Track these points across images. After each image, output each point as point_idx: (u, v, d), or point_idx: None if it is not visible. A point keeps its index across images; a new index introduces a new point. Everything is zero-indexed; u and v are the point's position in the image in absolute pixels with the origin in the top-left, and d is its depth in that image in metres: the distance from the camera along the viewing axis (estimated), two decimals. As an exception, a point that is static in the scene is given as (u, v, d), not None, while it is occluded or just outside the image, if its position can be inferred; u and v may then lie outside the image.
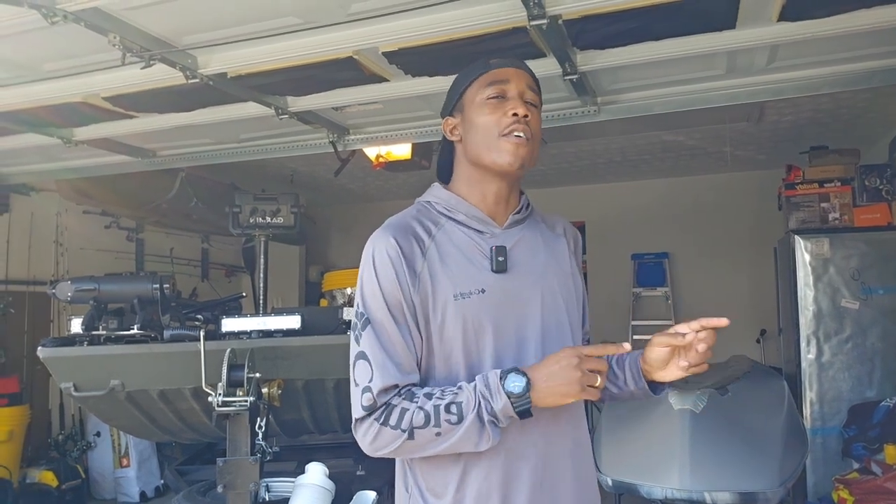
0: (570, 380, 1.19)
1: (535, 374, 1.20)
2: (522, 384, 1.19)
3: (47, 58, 2.59)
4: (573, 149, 5.78)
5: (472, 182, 1.39)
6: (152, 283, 3.50)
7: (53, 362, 3.58)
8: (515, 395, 1.18)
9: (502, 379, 1.20)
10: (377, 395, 1.24)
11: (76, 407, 5.20)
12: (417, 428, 1.21)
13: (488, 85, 1.35)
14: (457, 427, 1.20)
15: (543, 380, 1.20)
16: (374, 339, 1.26)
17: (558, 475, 1.31)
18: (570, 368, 1.19)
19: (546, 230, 1.45)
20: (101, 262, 5.41)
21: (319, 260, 8.02)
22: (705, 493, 2.87)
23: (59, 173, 4.43)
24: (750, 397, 3.51)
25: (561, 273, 1.40)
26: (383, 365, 1.25)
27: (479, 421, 1.20)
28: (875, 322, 4.20)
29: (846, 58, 2.74)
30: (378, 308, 1.27)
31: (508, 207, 1.40)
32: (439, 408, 1.21)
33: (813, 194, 4.48)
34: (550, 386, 1.19)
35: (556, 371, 1.19)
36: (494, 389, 1.20)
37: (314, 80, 2.87)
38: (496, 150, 1.32)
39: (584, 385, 1.19)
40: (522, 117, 1.31)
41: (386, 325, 1.27)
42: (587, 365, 1.20)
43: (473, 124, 1.35)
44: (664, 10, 2.21)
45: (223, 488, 3.02)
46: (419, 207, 1.41)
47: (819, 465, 4.18)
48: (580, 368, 1.19)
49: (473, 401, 1.20)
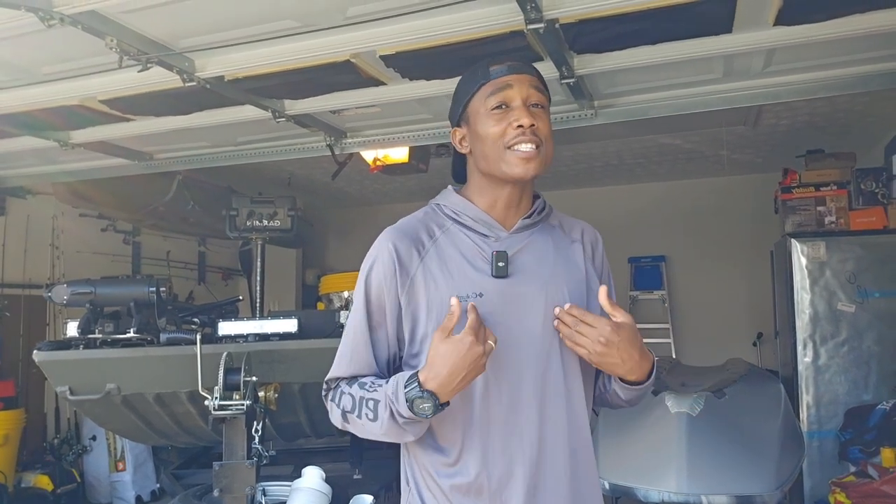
0: (472, 358, 1.19)
1: (435, 383, 1.20)
2: (430, 406, 1.19)
3: (44, 61, 2.59)
4: (570, 152, 5.79)
5: (484, 190, 1.39)
6: (148, 287, 3.50)
7: (49, 366, 3.57)
8: (417, 410, 1.20)
9: (410, 401, 1.20)
10: (327, 381, 1.40)
11: (72, 411, 5.17)
12: (348, 412, 1.32)
13: (491, 95, 1.33)
14: (375, 422, 1.27)
15: (446, 382, 1.19)
16: (346, 334, 1.39)
17: (553, 481, 1.30)
18: (469, 361, 1.18)
19: (561, 235, 1.43)
20: (97, 266, 5.40)
21: (316, 263, 8.01)
22: (702, 497, 2.87)
23: (55, 176, 4.43)
24: (747, 400, 3.52)
25: (573, 279, 1.37)
26: (340, 359, 1.39)
27: (393, 420, 1.24)
28: (871, 325, 4.21)
29: (842, 62, 2.75)
30: (358, 306, 1.37)
31: (519, 212, 1.39)
32: (363, 400, 1.29)
33: (809, 198, 4.48)
34: (454, 388, 1.20)
35: (452, 371, 1.19)
36: (402, 403, 1.22)
37: (311, 84, 2.87)
38: (505, 162, 1.32)
39: (472, 366, 1.19)
40: (529, 127, 1.30)
41: (358, 323, 1.36)
42: (468, 339, 1.18)
43: (480, 136, 1.35)
44: (661, 13, 2.22)
45: (219, 492, 3.00)
46: (428, 210, 1.43)
47: (816, 469, 4.18)
48: (469, 350, 1.18)
49: (384, 401, 1.25)
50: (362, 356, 1.35)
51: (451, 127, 1.45)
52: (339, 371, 1.38)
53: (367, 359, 1.35)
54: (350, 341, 1.37)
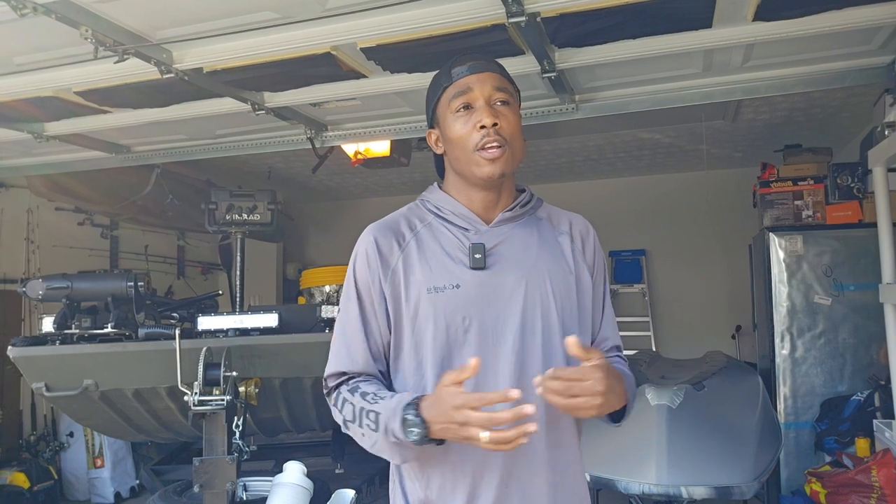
0: (458, 438, 1.16)
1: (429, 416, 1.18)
2: (418, 432, 1.17)
3: (17, 51, 2.54)
4: (550, 147, 5.81)
5: (460, 188, 1.41)
6: (126, 281, 3.46)
7: (24, 362, 3.52)
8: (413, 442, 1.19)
9: (403, 420, 1.19)
10: (327, 378, 1.38)
11: (48, 407, 5.10)
12: (349, 422, 1.31)
13: (454, 97, 1.35)
14: (375, 434, 1.25)
15: (437, 429, 1.17)
16: (338, 329, 1.39)
17: (528, 474, 1.30)
18: (455, 427, 1.14)
19: (548, 228, 1.43)
20: (74, 260, 5.33)
21: (297, 257, 7.97)
22: (682, 488, 2.90)
23: (30, 169, 4.34)
24: (725, 393, 3.56)
25: (558, 271, 1.37)
26: (337, 352, 1.38)
27: (387, 439, 1.23)
28: (846, 318, 4.28)
29: (819, 57, 2.78)
30: (348, 299, 1.38)
31: (499, 207, 1.40)
32: (364, 411, 1.27)
33: (787, 192, 4.54)
34: (438, 432, 1.17)
35: (445, 426, 1.16)
36: (397, 422, 1.20)
37: (291, 76, 2.84)
38: (473, 164, 1.33)
39: (464, 438, 1.14)
40: (492, 126, 1.31)
41: (350, 315, 1.37)
42: (472, 422, 1.12)
43: (449, 138, 1.37)
44: (641, 8, 2.23)
45: (200, 488, 2.99)
46: (413, 205, 1.46)
47: (792, 459, 4.25)
48: (465, 428, 1.13)
49: (385, 419, 1.22)
50: (359, 348, 1.35)
51: (427, 128, 1.47)
52: (337, 365, 1.37)
53: (364, 350, 1.35)
54: (345, 335, 1.37)
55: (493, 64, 1.40)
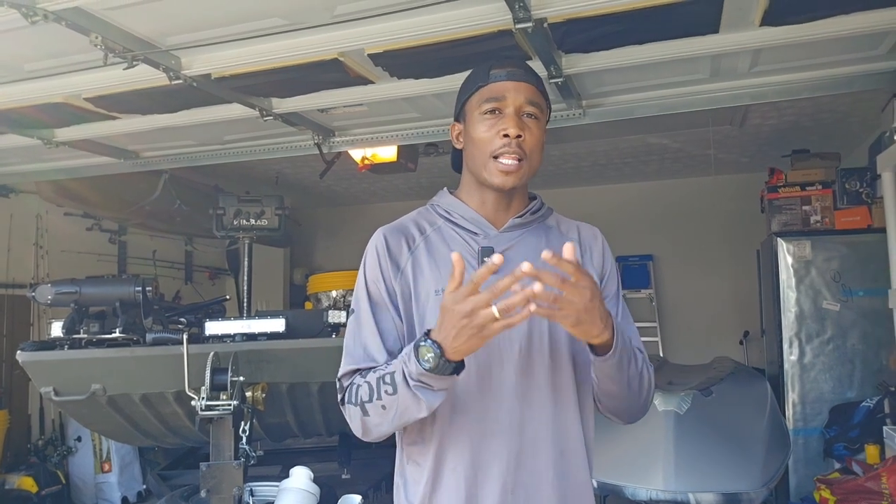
0: (470, 331, 1.10)
1: (440, 336, 1.14)
2: (432, 354, 1.14)
3: (28, 58, 2.56)
4: (558, 152, 5.81)
5: (472, 189, 1.41)
6: (134, 286, 3.47)
7: (33, 366, 3.54)
8: (430, 369, 1.15)
9: (416, 350, 1.16)
10: (341, 378, 1.34)
11: (56, 411, 5.12)
12: (366, 402, 1.25)
13: (486, 100, 1.34)
14: (394, 397, 1.21)
15: (450, 342, 1.13)
16: (352, 328, 1.36)
17: (534, 482, 1.29)
18: (465, 320, 1.10)
19: (557, 235, 1.43)
20: (82, 265, 5.35)
21: (304, 262, 7.98)
22: (689, 495, 2.89)
23: (39, 175, 4.38)
24: (733, 399, 3.54)
25: None
26: (352, 352, 1.34)
27: (408, 387, 1.18)
28: (855, 324, 4.25)
29: (827, 62, 2.77)
30: (360, 300, 1.36)
31: (510, 212, 1.40)
32: (380, 381, 1.24)
33: (795, 197, 4.52)
34: (459, 346, 1.13)
35: (457, 330, 1.11)
36: (411, 358, 1.17)
37: (299, 82, 2.85)
38: (487, 170, 1.34)
39: (483, 328, 1.10)
40: (514, 138, 1.30)
41: (363, 316, 1.35)
42: (479, 304, 1.09)
43: (471, 137, 1.37)
44: (648, 13, 2.23)
45: (206, 493, 2.99)
46: (423, 209, 1.47)
47: (801, 466, 4.22)
48: (473, 314, 1.09)
49: (400, 369, 1.20)
50: (374, 346, 1.33)
51: (454, 120, 1.47)
52: (352, 362, 1.33)
53: (379, 347, 1.32)
54: (359, 334, 1.35)
55: (532, 75, 1.39)
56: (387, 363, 1.28)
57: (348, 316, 1.40)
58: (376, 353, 1.32)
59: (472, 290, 1.10)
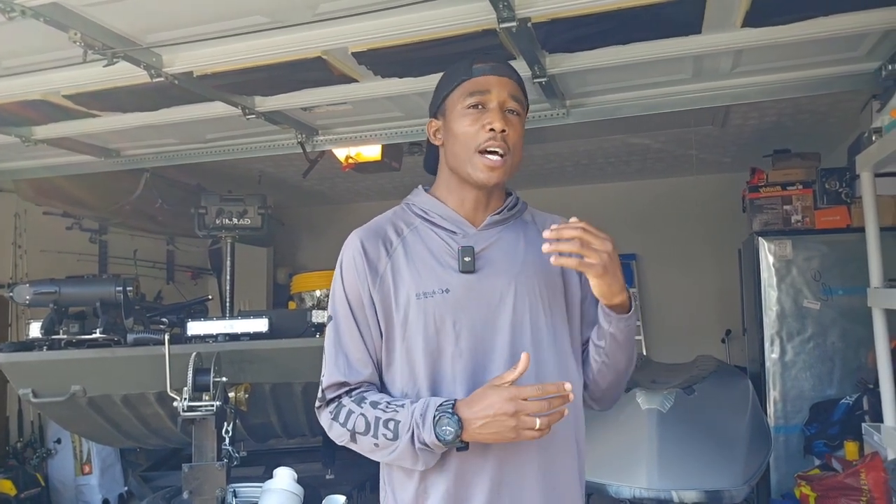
0: (504, 429, 1.17)
1: (468, 415, 1.18)
2: (453, 431, 1.17)
3: (5, 54, 2.52)
4: (541, 152, 5.82)
5: (451, 187, 1.40)
6: (115, 286, 3.44)
7: (11, 367, 3.49)
8: (444, 442, 1.19)
9: (436, 419, 1.19)
10: (325, 389, 1.33)
11: (35, 413, 5.05)
12: (359, 433, 1.27)
13: (469, 94, 1.33)
14: (392, 444, 1.23)
15: (476, 426, 1.18)
16: (332, 337, 1.35)
17: (519, 476, 1.30)
18: (505, 418, 1.16)
19: (534, 230, 1.43)
20: (62, 265, 5.28)
21: (288, 262, 7.93)
22: (672, 492, 2.91)
23: (17, 173, 4.31)
24: (716, 397, 3.57)
25: (546, 273, 1.37)
26: (335, 361, 1.33)
27: (412, 445, 1.21)
28: (835, 322, 4.30)
29: (807, 64, 2.80)
30: (339, 307, 1.35)
31: (488, 210, 1.40)
32: (379, 421, 1.25)
33: (776, 197, 4.56)
34: (483, 433, 1.18)
35: (490, 421, 1.17)
36: (427, 423, 1.19)
37: (282, 80, 2.84)
38: (471, 165, 1.33)
39: (519, 431, 1.17)
40: (500, 132, 1.31)
41: (343, 323, 1.34)
42: (525, 410, 1.16)
43: (453, 132, 1.35)
44: (632, 14, 2.24)
45: (189, 494, 2.97)
46: (398, 209, 1.44)
47: (782, 463, 4.26)
48: (516, 417, 1.16)
49: (408, 425, 1.21)
50: (358, 356, 1.33)
51: (430, 117, 1.44)
52: (337, 376, 1.32)
53: (364, 358, 1.33)
54: (341, 343, 1.34)
55: (514, 72, 1.39)
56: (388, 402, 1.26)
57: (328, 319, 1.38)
58: (360, 366, 1.32)
59: (534, 394, 1.16)
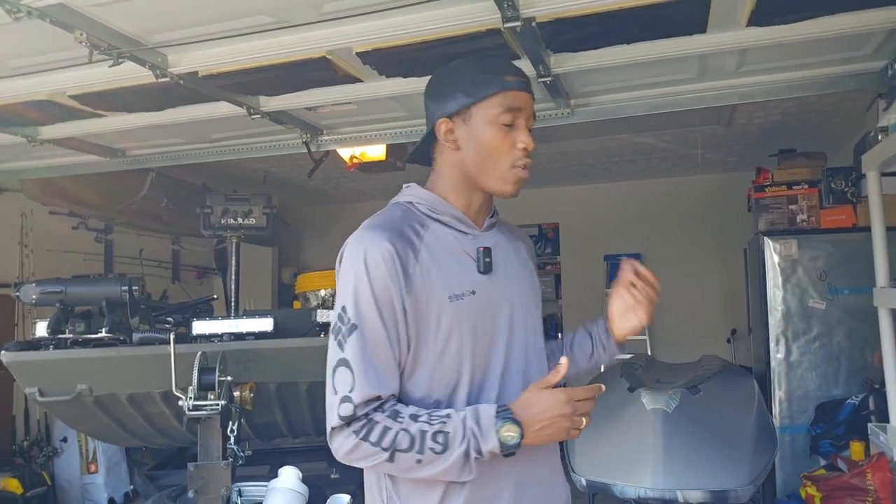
0: (561, 429, 1.21)
1: (526, 419, 1.20)
2: (517, 436, 1.18)
3: (11, 54, 2.53)
4: (546, 151, 5.82)
5: (460, 189, 1.38)
6: (121, 285, 3.45)
7: (17, 366, 3.51)
8: (507, 447, 1.19)
9: (498, 425, 1.19)
10: (357, 405, 1.19)
11: (42, 412, 5.08)
12: (400, 451, 1.18)
13: (506, 110, 1.31)
14: (440, 457, 1.18)
15: (535, 429, 1.20)
16: (359, 347, 1.21)
17: (536, 475, 1.34)
18: (564, 419, 1.20)
19: (508, 234, 1.49)
20: (68, 264, 5.30)
21: (292, 262, 7.95)
22: (678, 492, 2.90)
23: (23, 173, 4.33)
24: (721, 396, 3.56)
25: (529, 275, 1.46)
26: (366, 374, 1.20)
27: (465, 456, 1.18)
28: (841, 322, 4.29)
29: (812, 63, 2.79)
30: (368, 314, 1.22)
31: (485, 213, 1.43)
32: (426, 434, 1.18)
33: (781, 196, 4.55)
34: (540, 436, 1.21)
35: (548, 423, 1.20)
36: (487, 430, 1.18)
37: (287, 80, 2.84)
38: (502, 178, 1.34)
39: (570, 431, 1.22)
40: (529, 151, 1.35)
41: (374, 332, 1.22)
42: (580, 411, 1.22)
43: (480, 142, 1.32)
44: (636, 13, 2.23)
45: (194, 493, 2.98)
46: (403, 208, 1.37)
47: (787, 463, 4.25)
48: (571, 418, 1.21)
49: (461, 435, 1.18)
50: (390, 368, 1.23)
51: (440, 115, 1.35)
52: (369, 390, 1.20)
53: (394, 371, 1.24)
54: (371, 354, 1.21)
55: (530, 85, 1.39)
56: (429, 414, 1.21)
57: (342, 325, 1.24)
58: (389, 377, 1.23)
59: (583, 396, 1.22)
